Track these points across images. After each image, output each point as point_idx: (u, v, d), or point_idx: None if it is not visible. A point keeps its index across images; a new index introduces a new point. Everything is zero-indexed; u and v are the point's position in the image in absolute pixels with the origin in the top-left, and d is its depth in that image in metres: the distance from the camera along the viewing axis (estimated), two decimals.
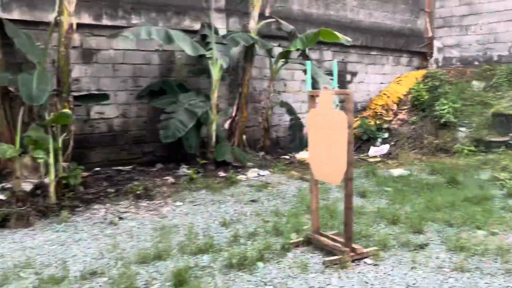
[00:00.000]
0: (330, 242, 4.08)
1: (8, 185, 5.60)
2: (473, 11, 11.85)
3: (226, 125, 8.17)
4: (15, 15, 6.31)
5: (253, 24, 8.02)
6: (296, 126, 8.62)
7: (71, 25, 5.81)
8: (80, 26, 6.27)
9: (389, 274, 3.66)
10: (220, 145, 7.46)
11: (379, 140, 9.63)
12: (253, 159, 7.96)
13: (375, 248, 4.07)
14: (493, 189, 6.25)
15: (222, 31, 8.13)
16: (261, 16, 8.19)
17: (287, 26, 8.33)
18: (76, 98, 6.20)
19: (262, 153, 8.57)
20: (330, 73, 8.14)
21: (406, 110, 10.59)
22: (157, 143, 7.89)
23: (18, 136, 5.23)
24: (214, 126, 7.33)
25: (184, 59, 7.78)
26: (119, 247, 4.38)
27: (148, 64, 7.66)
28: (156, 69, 7.74)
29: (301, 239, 4.32)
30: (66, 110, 5.42)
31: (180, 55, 7.68)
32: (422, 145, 9.31)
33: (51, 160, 5.34)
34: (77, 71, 6.95)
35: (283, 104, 8.68)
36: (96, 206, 5.66)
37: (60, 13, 5.72)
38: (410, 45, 12.00)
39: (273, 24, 8.46)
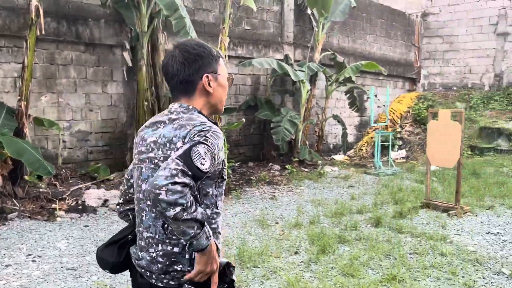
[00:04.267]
0: (442, 204, 6.59)
1: None
2: (453, 48, 15.14)
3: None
4: None
5: (317, 55, 10.46)
6: (345, 134, 11.10)
7: (226, 56, 7.93)
8: None
9: (487, 219, 6.24)
10: (301, 147, 9.77)
11: (396, 146, 12.37)
12: (321, 158, 10.35)
13: (468, 207, 6.64)
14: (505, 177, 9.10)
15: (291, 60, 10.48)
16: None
17: (340, 58, 10.85)
18: None
19: None
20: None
21: (409, 123, 13.49)
22: (247, 146, 10.06)
23: None
24: (300, 133, 9.65)
25: (272, 82, 10.03)
26: (303, 210, 6.60)
27: (244, 84, 9.84)
28: (249, 88, 9.94)
29: (419, 204, 6.79)
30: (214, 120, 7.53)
31: (270, 78, 9.94)
32: None
33: None
34: None
35: (335, 117, 11.13)
36: (247, 189, 7.78)
37: (220, 48, 7.83)
38: (405, 72, 15.03)
39: (328, 55, 10.94)
